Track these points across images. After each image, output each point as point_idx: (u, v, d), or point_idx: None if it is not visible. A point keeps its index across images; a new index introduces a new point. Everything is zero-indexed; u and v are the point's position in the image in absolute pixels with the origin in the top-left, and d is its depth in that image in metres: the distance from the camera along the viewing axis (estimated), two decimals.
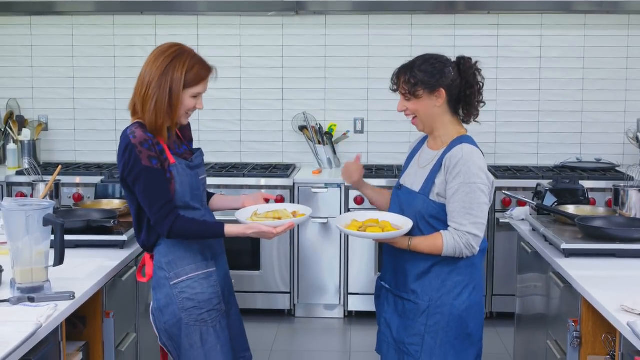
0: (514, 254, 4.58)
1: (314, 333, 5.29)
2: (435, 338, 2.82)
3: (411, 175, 2.95)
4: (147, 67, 2.79)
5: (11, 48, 5.99)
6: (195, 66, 2.78)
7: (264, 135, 6.01)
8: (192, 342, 2.81)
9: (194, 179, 2.86)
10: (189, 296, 2.81)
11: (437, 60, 2.85)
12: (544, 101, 5.87)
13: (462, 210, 2.74)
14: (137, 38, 5.92)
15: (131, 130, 2.75)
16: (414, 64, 2.85)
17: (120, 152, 2.76)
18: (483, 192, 2.75)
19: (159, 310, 2.84)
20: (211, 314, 2.84)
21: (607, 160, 5.76)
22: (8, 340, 2.14)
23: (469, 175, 2.73)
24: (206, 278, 2.85)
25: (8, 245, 2.59)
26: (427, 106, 2.83)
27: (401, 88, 2.86)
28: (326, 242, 5.35)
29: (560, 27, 5.81)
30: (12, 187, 5.38)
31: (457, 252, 2.76)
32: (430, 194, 2.81)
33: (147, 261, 2.91)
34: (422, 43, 5.76)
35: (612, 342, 2.73)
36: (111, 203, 3.99)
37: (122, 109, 5.98)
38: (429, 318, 2.83)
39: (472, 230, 2.74)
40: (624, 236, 3.28)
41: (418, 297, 2.84)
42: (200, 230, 2.79)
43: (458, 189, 2.74)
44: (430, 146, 2.95)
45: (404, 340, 2.87)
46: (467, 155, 2.76)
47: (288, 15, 5.85)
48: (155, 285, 2.86)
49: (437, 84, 2.80)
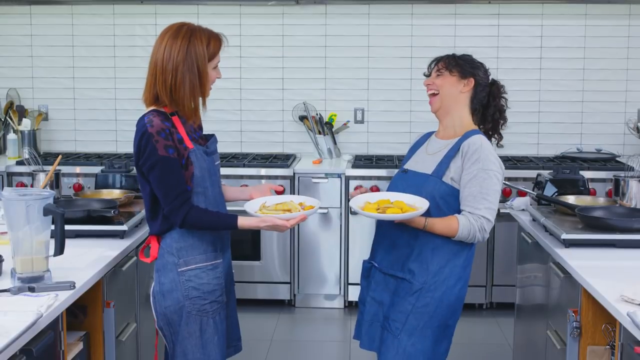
0: (514, 244, 4.59)
1: (314, 323, 5.29)
2: (419, 320, 2.87)
3: (419, 161, 3.02)
4: (165, 52, 2.74)
5: (11, 37, 5.98)
6: (211, 38, 2.79)
7: (264, 125, 6.00)
8: (190, 330, 2.81)
9: (211, 164, 2.87)
10: (195, 285, 2.81)
11: (480, 63, 3.03)
12: (545, 91, 5.87)
13: (478, 195, 2.81)
14: (137, 27, 5.91)
15: (149, 118, 2.74)
16: (457, 54, 3.02)
17: (137, 140, 2.74)
18: (499, 180, 2.86)
19: (161, 294, 2.83)
20: (213, 305, 2.84)
21: (607, 150, 5.75)
22: (8, 330, 2.14)
23: (487, 162, 2.83)
24: (213, 269, 2.85)
25: (8, 235, 2.59)
26: (453, 86, 2.95)
27: (439, 66, 2.99)
28: (326, 232, 5.35)
29: (561, 16, 5.79)
30: (13, 177, 5.38)
31: (470, 235, 2.83)
32: (443, 177, 2.88)
33: (153, 242, 2.88)
34: (422, 33, 5.75)
35: (612, 332, 2.73)
36: (111, 193, 3.99)
37: (122, 98, 5.98)
38: (418, 299, 2.87)
39: (486, 215, 2.82)
40: (624, 226, 3.28)
41: (414, 277, 2.89)
42: (214, 221, 2.79)
43: (476, 175, 2.82)
44: (441, 136, 3.03)
45: (389, 316, 2.92)
46: (486, 143, 2.89)
47: (288, 5, 5.83)
48: (160, 268, 2.84)
49: (471, 73, 2.95)
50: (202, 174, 2.81)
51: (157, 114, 2.76)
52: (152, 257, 2.87)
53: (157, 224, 2.83)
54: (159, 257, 2.85)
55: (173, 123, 2.78)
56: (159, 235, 2.86)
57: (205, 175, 2.82)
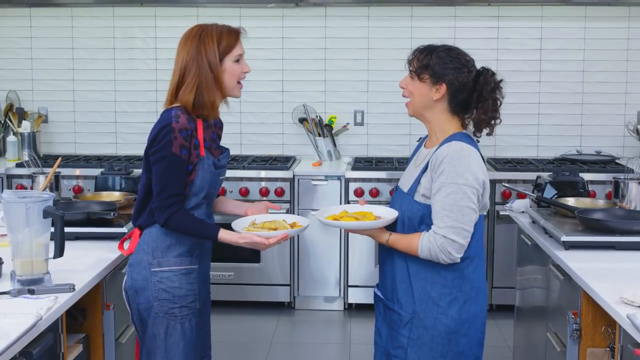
0: (513, 247, 4.58)
1: (314, 325, 5.29)
2: (419, 352, 2.66)
3: (406, 175, 2.81)
4: (179, 56, 2.82)
5: (11, 40, 5.98)
6: (223, 33, 2.82)
7: (264, 127, 6.00)
8: (156, 332, 2.82)
9: (215, 178, 2.88)
10: (166, 287, 2.81)
11: (460, 56, 2.69)
12: (544, 93, 5.87)
13: (441, 212, 2.55)
14: (136, 30, 5.90)
15: (176, 113, 2.75)
16: (437, 48, 2.70)
17: (156, 128, 2.76)
18: (466, 195, 2.55)
19: (134, 290, 2.83)
20: (182, 310, 2.83)
21: (607, 152, 5.75)
22: (8, 332, 2.14)
23: (451, 174, 2.55)
24: (186, 274, 2.84)
25: (8, 237, 2.59)
26: (424, 94, 2.67)
27: (412, 65, 2.71)
28: (326, 235, 5.35)
29: (561, 19, 5.80)
30: (12, 179, 5.37)
31: (432, 256, 2.57)
32: (415, 195, 2.66)
33: (134, 237, 2.89)
34: (422, 35, 5.74)
35: (612, 335, 2.73)
36: (111, 195, 3.98)
37: (122, 100, 5.98)
38: (411, 331, 2.67)
39: (448, 234, 2.54)
40: (624, 228, 3.28)
41: (402, 308, 2.69)
42: (196, 228, 2.78)
43: (440, 189, 2.56)
44: (427, 145, 2.78)
45: (390, 351, 2.76)
46: (455, 153, 2.57)
47: (288, 7, 5.84)
48: (133, 263, 2.84)
49: (442, 78, 2.64)
50: (202, 184, 2.82)
51: (185, 112, 2.77)
52: (129, 251, 2.88)
53: (143, 216, 2.84)
54: (134, 253, 2.85)
55: (196, 126, 2.79)
56: (142, 230, 2.87)
57: (204, 186, 2.83)
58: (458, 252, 2.57)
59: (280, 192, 5.28)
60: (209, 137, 2.87)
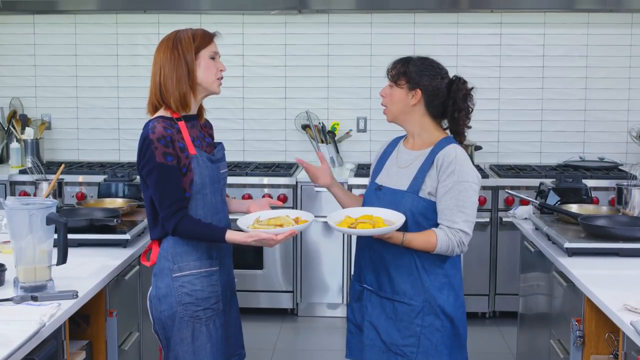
0: (516, 253, 4.58)
1: (317, 332, 5.29)
2: (431, 338, 2.82)
3: (392, 175, 2.94)
4: (155, 60, 2.86)
5: (14, 47, 6.00)
6: (198, 31, 2.89)
7: (267, 134, 6.01)
8: (182, 336, 2.83)
9: (215, 172, 2.89)
10: (188, 291, 2.82)
11: (433, 65, 2.91)
12: (547, 100, 5.87)
13: (455, 208, 2.75)
14: (140, 37, 5.92)
15: (152, 124, 2.78)
16: (412, 58, 2.94)
17: (139, 144, 2.79)
18: (475, 192, 2.79)
19: (157, 298, 2.85)
20: (206, 312, 2.85)
21: (610, 159, 5.75)
22: (11, 339, 2.14)
23: (462, 174, 2.77)
24: (207, 276, 2.86)
25: (11, 244, 2.60)
26: (402, 99, 2.90)
27: (391, 74, 2.96)
28: (329, 241, 5.35)
29: (564, 25, 5.80)
30: (15, 186, 5.38)
31: (449, 250, 2.76)
32: (419, 192, 2.81)
33: (154, 247, 2.91)
34: (425, 42, 5.75)
35: (615, 342, 2.72)
36: (114, 202, 3.99)
37: (125, 107, 5.99)
38: (424, 319, 2.82)
39: (464, 228, 2.76)
40: (627, 235, 3.28)
41: (412, 298, 2.83)
42: (203, 232, 2.80)
43: (452, 187, 2.76)
44: (410, 147, 2.95)
45: (397, 342, 2.84)
46: (460, 154, 2.81)
47: (291, 14, 5.85)
48: (157, 273, 2.86)
49: (417, 84, 2.86)
50: (203, 180, 2.83)
51: (162, 120, 2.80)
52: (152, 261, 2.90)
53: (157, 230, 2.86)
54: (157, 262, 2.87)
55: (179, 129, 2.80)
56: (160, 240, 2.88)
57: (206, 182, 2.84)
58: (468, 244, 2.80)
59: (283, 198, 5.28)
60: (196, 136, 2.88)
